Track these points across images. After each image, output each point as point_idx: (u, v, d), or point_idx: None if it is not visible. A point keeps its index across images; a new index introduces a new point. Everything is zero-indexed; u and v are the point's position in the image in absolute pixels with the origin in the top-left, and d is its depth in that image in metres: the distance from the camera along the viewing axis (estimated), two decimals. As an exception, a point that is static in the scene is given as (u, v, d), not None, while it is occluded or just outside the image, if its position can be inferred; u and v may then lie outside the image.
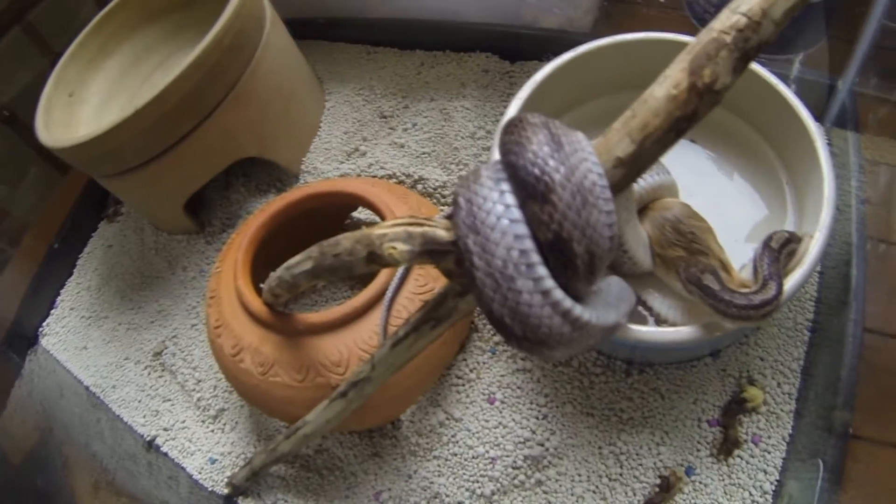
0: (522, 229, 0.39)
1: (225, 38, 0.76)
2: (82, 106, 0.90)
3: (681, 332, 0.57)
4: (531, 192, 0.39)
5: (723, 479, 0.62)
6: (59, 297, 0.93)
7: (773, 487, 0.61)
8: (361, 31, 1.00)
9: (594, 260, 0.41)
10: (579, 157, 0.40)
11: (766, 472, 0.62)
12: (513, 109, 0.72)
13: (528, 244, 0.39)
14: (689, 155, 0.77)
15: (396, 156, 0.87)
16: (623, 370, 0.68)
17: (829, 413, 0.63)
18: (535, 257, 0.39)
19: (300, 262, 0.54)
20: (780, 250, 0.58)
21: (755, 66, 0.72)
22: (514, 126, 0.43)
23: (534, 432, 0.67)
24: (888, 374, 0.66)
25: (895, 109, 0.82)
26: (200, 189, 0.85)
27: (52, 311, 0.92)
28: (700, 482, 0.62)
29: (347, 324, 0.64)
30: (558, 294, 0.39)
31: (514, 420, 0.68)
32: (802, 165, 0.68)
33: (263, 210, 0.74)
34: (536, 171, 0.39)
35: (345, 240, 0.50)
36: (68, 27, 0.98)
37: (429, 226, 0.47)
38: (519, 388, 0.70)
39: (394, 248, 0.46)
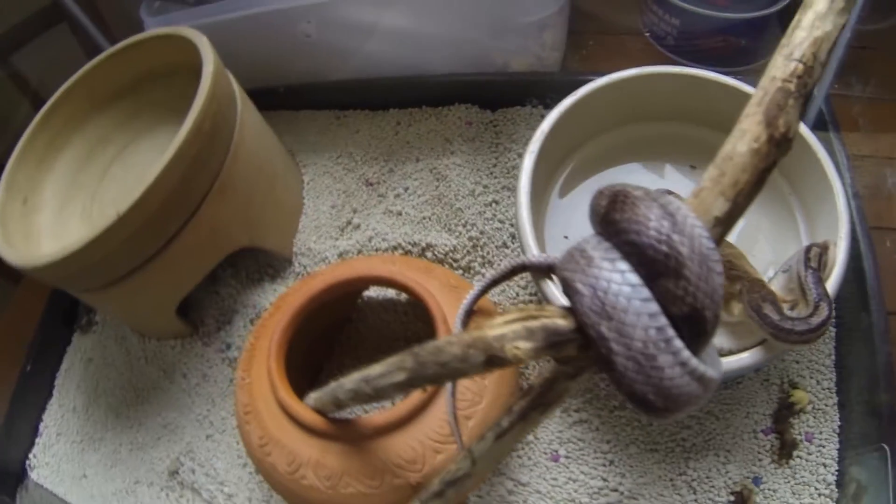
0: (654, 307, 0.39)
1: (204, 123, 0.70)
2: (39, 213, 0.83)
3: (748, 358, 0.60)
4: (662, 269, 0.39)
5: (788, 481, 0.66)
6: (42, 424, 0.85)
7: (836, 478, 0.66)
8: (326, 95, 0.96)
9: (717, 321, 0.41)
10: (691, 226, 0.40)
11: (825, 466, 0.66)
12: (528, 163, 0.72)
13: (663, 320, 0.39)
14: (693, 181, 0.80)
15: (395, 225, 0.83)
16: None
17: (872, 398, 0.67)
18: (671, 332, 0.39)
19: (388, 374, 0.50)
20: (820, 268, 0.61)
21: (748, 86, 0.73)
22: (621, 203, 0.42)
23: (605, 480, 0.67)
24: None
25: (868, 105, 0.87)
26: (189, 289, 0.79)
27: (37, 440, 0.84)
28: (769, 489, 0.66)
29: (414, 418, 0.60)
30: (695, 362, 0.40)
31: (582, 472, 0.68)
32: (806, 176, 0.72)
33: (280, 307, 0.69)
34: (665, 248, 0.39)
35: (450, 346, 0.46)
36: (3, 133, 0.90)
37: (545, 318, 0.44)
38: (580, 440, 0.70)
39: (517, 347, 0.43)
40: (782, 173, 0.77)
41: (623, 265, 0.40)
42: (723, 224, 0.44)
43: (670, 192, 0.68)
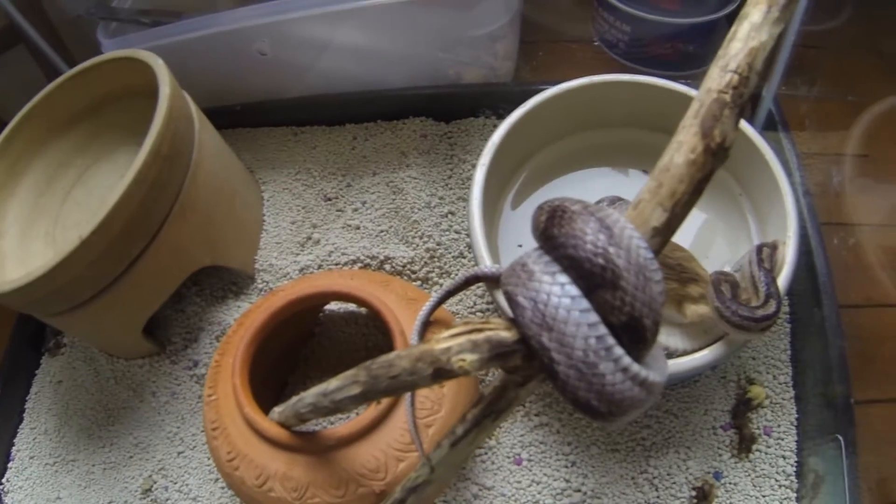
0: (594, 317, 0.41)
1: (162, 146, 0.72)
2: (2, 238, 0.84)
3: (704, 357, 0.63)
4: (599, 281, 0.41)
5: (748, 475, 0.69)
6: (14, 448, 0.86)
7: (795, 469, 0.69)
8: (283, 112, 0.98)
9: (657, 328, 0.44)
10: (629, 237, 0.42)
11: (784, 458, 0.69)
12: (479, 175, 0.75)
13: (602, 329, 0.41)
14: (642, 184, 0.80)
15: (354, 239, 0.85)
16: None
17: (827, 390, 0.69)
18: (611, 340, 0.41)
19: (343, 388, 0.52)
20: (772, 267, 0.64)
21: (695, 91, 0.75)
22: (559, 218, 0.44)
23: (568, 481, 0.69)
24: (866, 340, 0.76)
25: (815, 105, 0.91)
26: (154, 308, 0.80)
27: (10, 464, 0.85)
28: (730, 483, 0.68)
29: (376, 428, 0.62)
30: (636, 367, 0.41)
31: (545, 474, 0.70)
32: (755, 177, 0.75)
33: (243, 324, 0.71)
34: (601, 261, 0.41)
35: (400, 360, 0.48)
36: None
37: (489, 330, 0.46)
38: (542, 443, 0.72)
39: (463, 360, 0.45)
40: (733, 175, 0.80)
41: (562, 278, 0.42)
42: (662, 234, 0.46)
43: (621, 199, 0.71)
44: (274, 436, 0.62)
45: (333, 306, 0.81)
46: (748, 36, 0.47)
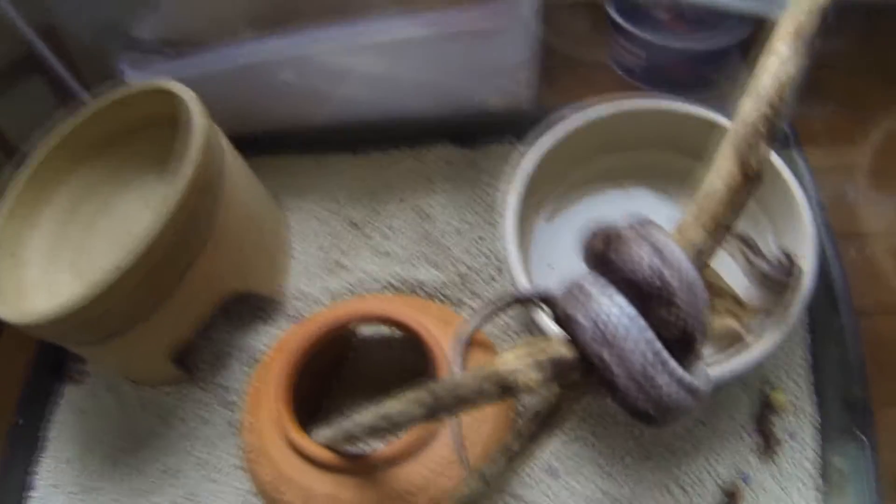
0: (650, 334, 0.45)
1: (198, 176, 0.72)
2: (27, 268, 0.83)
3: (731, 366, 0.65)
4: (656, 300, 0.45)
5: (775, 476, 0.71)
6: (37, 478, 0.85)
7: (819, 469, 0.71)
8: (306, 140, 0.99)
9: (704, 340, 0.47)
10: (678, 258, 0.46)
11: (808, 459, 0.71)
12: (512, 202, 0.77)
13: (658, 345, 0.44)
14: (664, 204, 0.85)
15: (384, 264, 0.86)
16: None
17: (847, 394, 0.73)
18: (666, 354, 0.45)
19: (405, 410, 0.52)
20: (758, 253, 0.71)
21: (715, 115, 0.78)
22: (615, 244, 0.48)
23: (604, 491, 0.71)
24: (883, 345, 0.78)
25: (826, 122, 0.94)
26: (183, 335, 0.80)
27: (31, 494, 0.84)
28: (757, 484, 0.70)
29: (422, 447, 0.63)
30: (688, 378, 0.45)
31: (581, 486, 0.72)
32: (773, 193, 0.77)
33: (282, 349, 0.72)
34: (658, 282, 0.45)
35: (466, 380, 0.50)
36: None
37: (550, 349, 0.49)
38: (576, 455, 0.73)
39: (529, 378, 0.48)
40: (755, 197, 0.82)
41: (620, 299, 0.46)
42: (705, 254, 0.50)
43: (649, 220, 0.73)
44: (321, 458, 0.63)
45: (367, 331, 0.82)
46: (778, 70, 0.51)
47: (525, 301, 0.69)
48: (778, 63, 0.51)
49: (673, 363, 0.45)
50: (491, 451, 0.64)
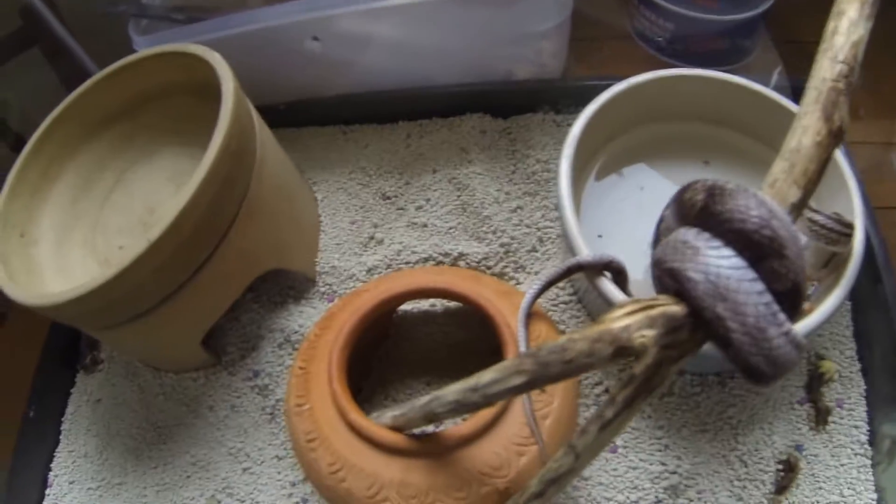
0: (761, 286, 0.44)
1: (231, 141, 0.66)
2: (38, 246, 0.77)
3: (800, 328, 0.63)
4: (768, 251, 0.45)
5: (826, 445, 0.71)
6: (52, 473, 0.79)
7: (868, 437, 0.71)
8: (329, 110, 0.94)
9: (806, 293, 0.48)
10: (781, 211, 0.46)
11: (857, 428, 0.72)
12: (564, 167, 0.72)
13: (769, 297, 0.44)
14: (707, 176, 0.80)
15: (422, 237, 0.82)
16: (717, 382, 0.73)
17: (890, 361, 0.72)
18: (776, 306, 0.44)
19: (502, 379, 0.49)
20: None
21: (757, 86, 0.76)
22: (720, 195, 0.48)
23: (664, 464, 0.69)
24: None
25: (864, 95, 0.94)
26: (212, 317, 0.75)
27: (48, 491, 0.78)
28: (811, 454, 0.70)
29: (495, 424, 0.59)
30: (794, 331, 0.44)
31: (641, 460, 0.69)
32: None
33: (329, 327, 0.67)
34: (768, 232, 0.45)
35: (574, 343, 0.47)
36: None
37: (661, 305, 0.47)
38: (635, 429, 0.71)
39: (643, 336, 0.46)
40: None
41: (727, 251, 0.45)
42: (797, 209, 0.51)
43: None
44: (389, 441, 0.58)
45: (408, 306, 0.77)
46: (849, 30, 0.54)
47: (588, 268, 0.66)
48: (848, 23, 0.54)
49: (782, 316, 0.44)
50: (562, 423, 0.61)
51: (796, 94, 0.87)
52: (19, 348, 0.87)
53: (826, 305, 0.63)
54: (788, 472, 0.69)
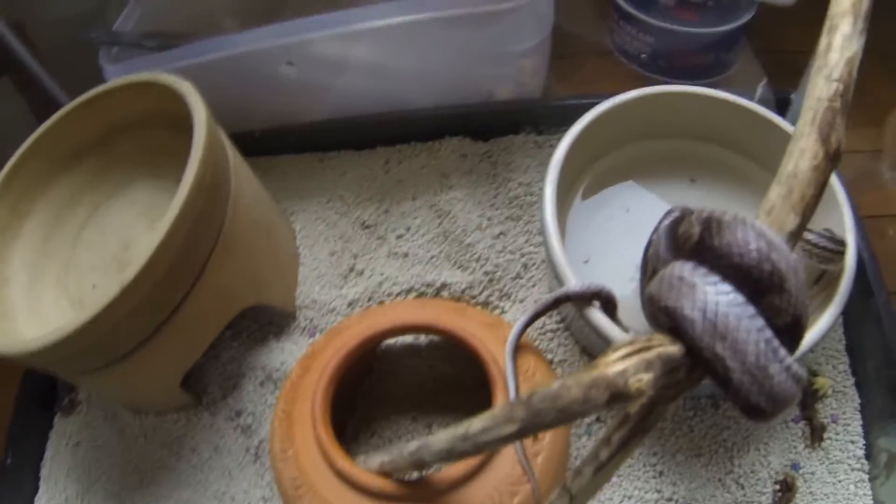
0: (761, 321, 0.42)
1: (205, 175, 0.64)
2: (9, 287, 0.75)
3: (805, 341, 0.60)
4: (768, 286, 0.43)
5: (822, 462, 0.71)
6: (32, 521, 0.77)
7: (864, 451, 0.71)
8: (306, 137, 0.92)
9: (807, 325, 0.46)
10: (780, 242, 0.44)
11: (853, 443, 0.72)
12: (549, 192, 0.71)
13: (769, 332, 0.42)
14: (693, 194, 0.82)
15: (403, 267, 0.80)
16: (711, 405, 0.73)
17: (887, 374, 0.72)
18: (777, 342, 0.42)
19: (493, 427, 0.47)
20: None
21: (744, 101, 0.75)
22: (717, 229, 0.46)
23: (659, 491, 0.68)
24: None
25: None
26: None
27: (27, 541, 0.76)
28: (808, 472, 0.70)
29: (486, 465, 0.58)
30: (796, 365, 0.43)
31: (636, 488, 0.68)
32: None
33: (311, 367, 0.66)
34: (768, 266, 0.43)
35: (568, 389, 0.45)
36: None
37: (657, 347, 0.45)
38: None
39: (639, 380, 0.44)
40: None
41: (725, 286, 0.43)
42: (795, 237, 0.48)
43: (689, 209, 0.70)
44: (377, 487, 0.56)
45: (391, 340, 0.75)
46: (843, 46, 0.52)
47: (576, 298, 0.64)
48: (842, 39, 0.52)
49: (783, 351, 0.43)
50: (554, 460, 0.60)
51: (780, 107, 0.87)
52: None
53: (820, 324, 0.62)
54: (786, 491, 0.69)
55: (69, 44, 0.88)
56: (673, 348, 0.45)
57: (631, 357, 0.45)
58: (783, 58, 0.99)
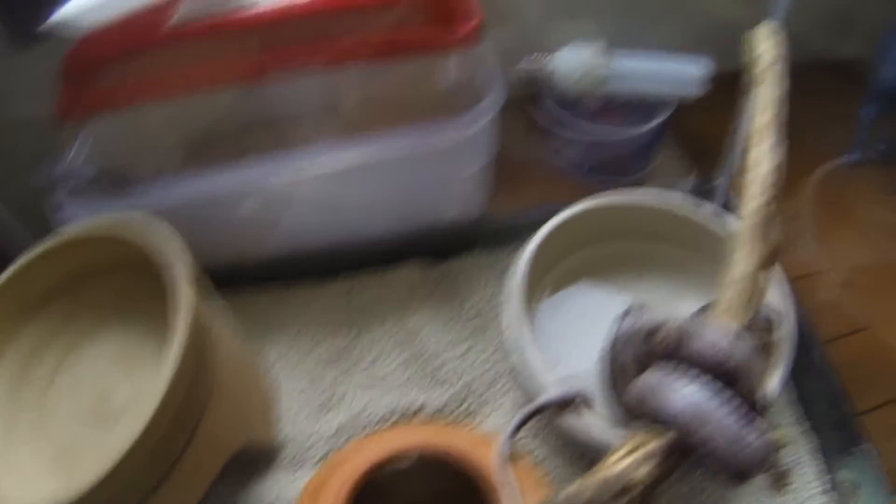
0: (736, 401, 0.51)
1: (196, 324, 0.65)
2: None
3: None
4: (734, 376, 0.52)
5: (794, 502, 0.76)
6: None
7: (829, 486, 0.77)
8: (266, 271, 0.95)
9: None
10: (739, 343, 0.53)
11: (817, 479, 0.77)
12: (515, 305, 0.76)
13: (744, 408, 0.51)
14: (642, 287, 0.89)
15: (381, 391, 0.83)
16: (687, 471, 0.77)
17: (833, 414, 0.82)
18: (751, 414, 0.51)
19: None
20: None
21: (680, 210, 0.84)
22: (687, 339, 0.54)
23: None
24: (851, 364, 0.88)
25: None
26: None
27: None
28: None
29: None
30: (765, 426, 0.51)
31: None
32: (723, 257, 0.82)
33: (316, 499, 0.67)
34: (733, 363, 0.52)
35: (583, 492, 0.51)
36: None
37: (649, 441, 0.52)
38: None
39: (643, 472, 0.51)
40: (711, 258, 0.86)
41: (701, 380, 0.52)
42: (750, 326, 0.57)
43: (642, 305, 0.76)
44: None
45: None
46: (771, 155, 0.61)
47: (554, 405, 0.69)
48: (768, 149, 0.62)
49: (757, 418, 0.51)
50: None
51: (705, 195, 0.96)
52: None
53: (772, 385, 0.69)
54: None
55: (29, 187, 0.87)
56: (664, 439, 0.52)
57: (631, 454, 0.52)
58: (704, 144, 1.10)
